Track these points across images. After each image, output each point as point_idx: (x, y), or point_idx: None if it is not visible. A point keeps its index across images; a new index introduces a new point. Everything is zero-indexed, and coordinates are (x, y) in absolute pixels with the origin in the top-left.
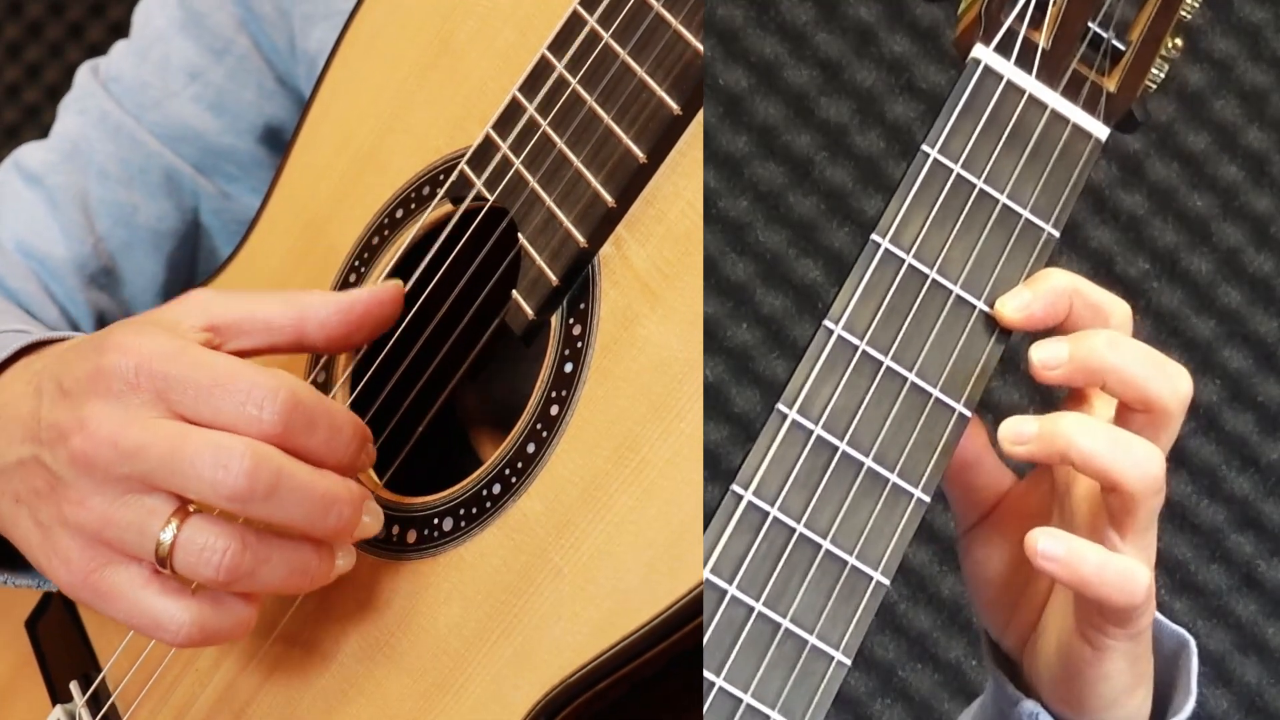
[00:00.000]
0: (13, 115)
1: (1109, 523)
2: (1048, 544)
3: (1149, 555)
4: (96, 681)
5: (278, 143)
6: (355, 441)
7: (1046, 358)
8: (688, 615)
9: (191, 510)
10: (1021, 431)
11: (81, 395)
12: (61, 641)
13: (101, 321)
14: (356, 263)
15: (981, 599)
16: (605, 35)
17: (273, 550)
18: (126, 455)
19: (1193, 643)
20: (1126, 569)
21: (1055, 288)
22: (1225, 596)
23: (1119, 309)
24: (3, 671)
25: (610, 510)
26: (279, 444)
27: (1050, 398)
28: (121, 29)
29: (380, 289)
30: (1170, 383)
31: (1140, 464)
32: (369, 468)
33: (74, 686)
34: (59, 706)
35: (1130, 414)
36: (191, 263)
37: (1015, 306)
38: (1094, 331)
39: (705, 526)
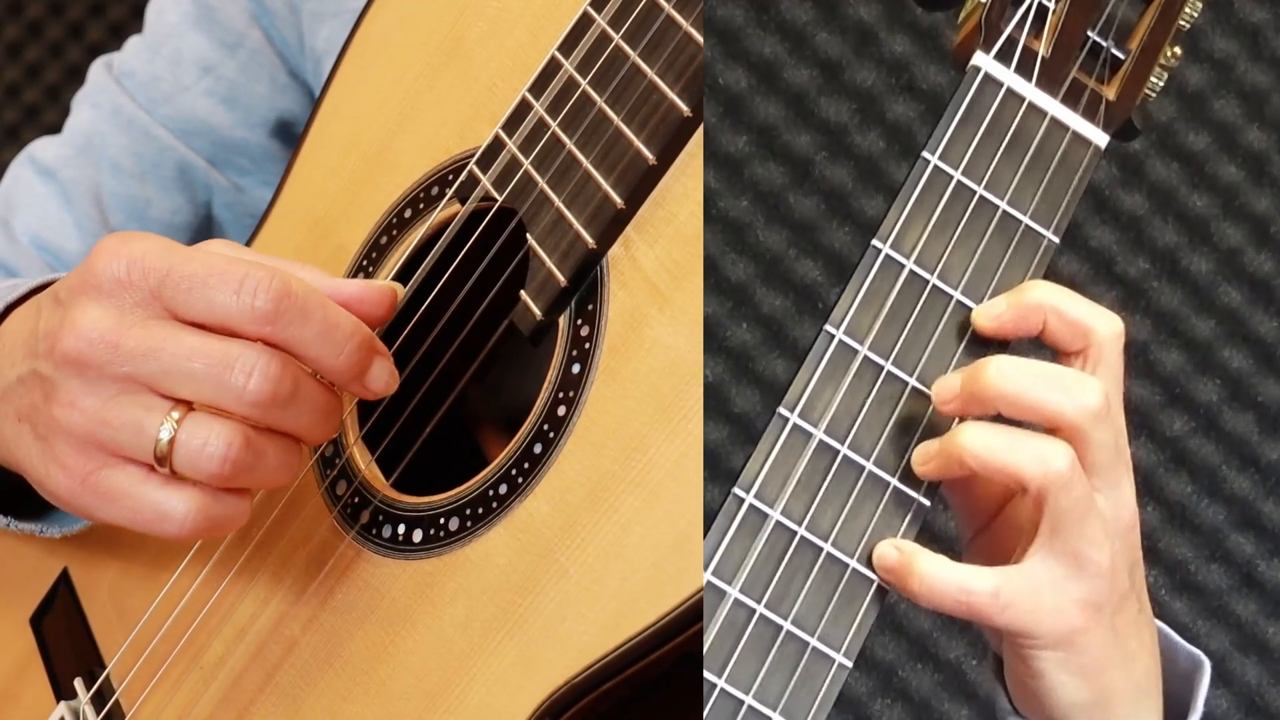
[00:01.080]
0: (13, 115)
1: (1030, 532)
2: (884, 552)
3: (1078, 563)
4: (101, 678)
5: (290, 136)
6: (354, 339)
7: (942, 390)
8: (694, 616)
9: (190, 407)
10: (926, 450)
11: (72, 300)
12: (66, 638)
13: None
14: (364, 262)
15: None
16: (616, 36)
17: (269, 444)
18: (129, 356)
19: (1208, 664)
20: (958, 580)
21: (1029, 302)
22: (1225, 596)
23: (1104, 324)
24: (7, 668)
25: (617, 511)
26: (273, 331)
27: None
28: (122, 29)
29: (372, 285)
30: (1070, 398)
31: (1040, 458)
32: (389, 387)
33: (78, 683)
34: (63, 703)
35: (1050, 435)
36: None
37: (988, 316)
38: (985, 361)
39: (705, 527)
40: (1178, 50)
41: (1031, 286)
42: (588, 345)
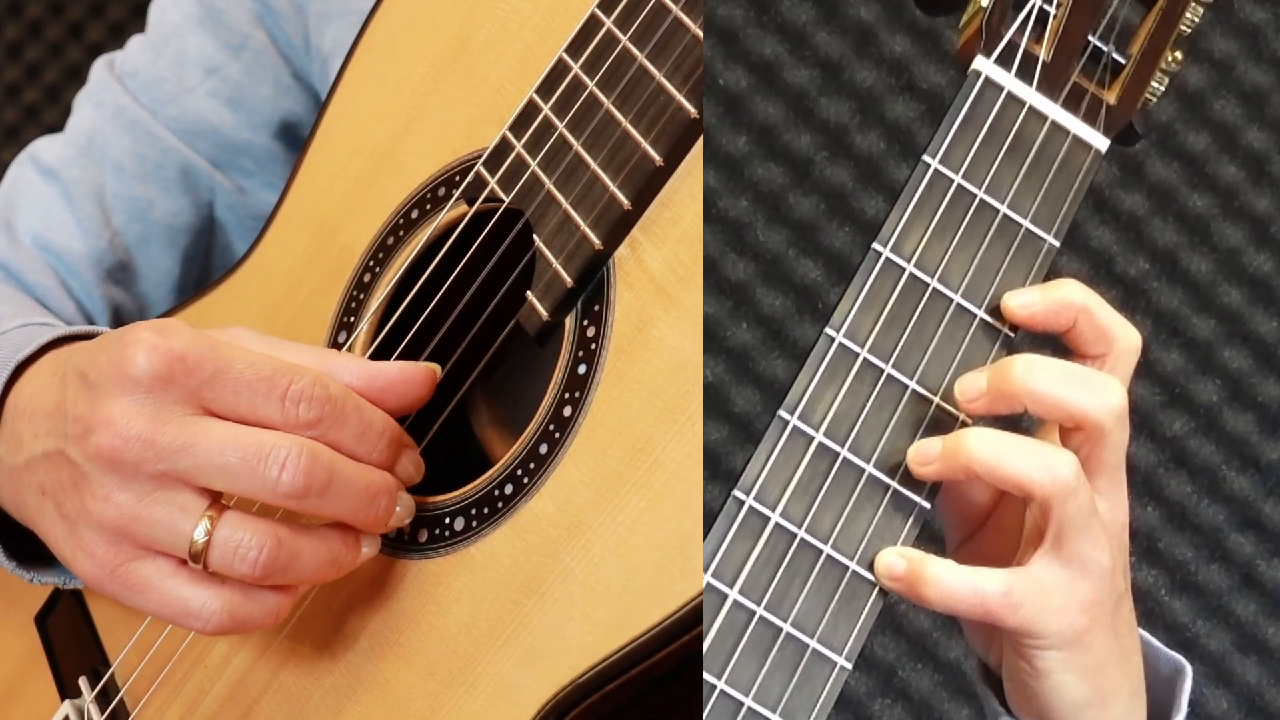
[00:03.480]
0: (13, 115)
1: (1034, 536)
2: (890, 561)
3: (1082, 566)
4: (105, 677)
5: (293, 138)
6: (385, 437)
7: (967, 388)
8: (698, 617)
9: (224, 506)
10: (926, 452)
11: (106, 389)
12: (71, 637)
13: (117, 316)
14: (371, 263)
15: (966, 621)
16: (623, 38)
17: (304, 544)
18: (164, 452)
19: (1189, 669)
20: (970, 582)
21: (1063, 298)
22: (1225, 596)
23: (1125, 335)
24: (12, 666)
25: (622, 512)
26: (312, 436)
27: None
28: (122, 29)
29: (411, 367)
30: (1095, 397)
31: (1047, 467)
32: (413, 478)
33: (83, 682)
34: (67, 702)
35: (1068, 433)
36: (206, 258)
37: (1019, 303)
38: (1011, 359)
39: (705, 527)
40: (1179, 55)
41: (1065, 283)
42: (594, 346)
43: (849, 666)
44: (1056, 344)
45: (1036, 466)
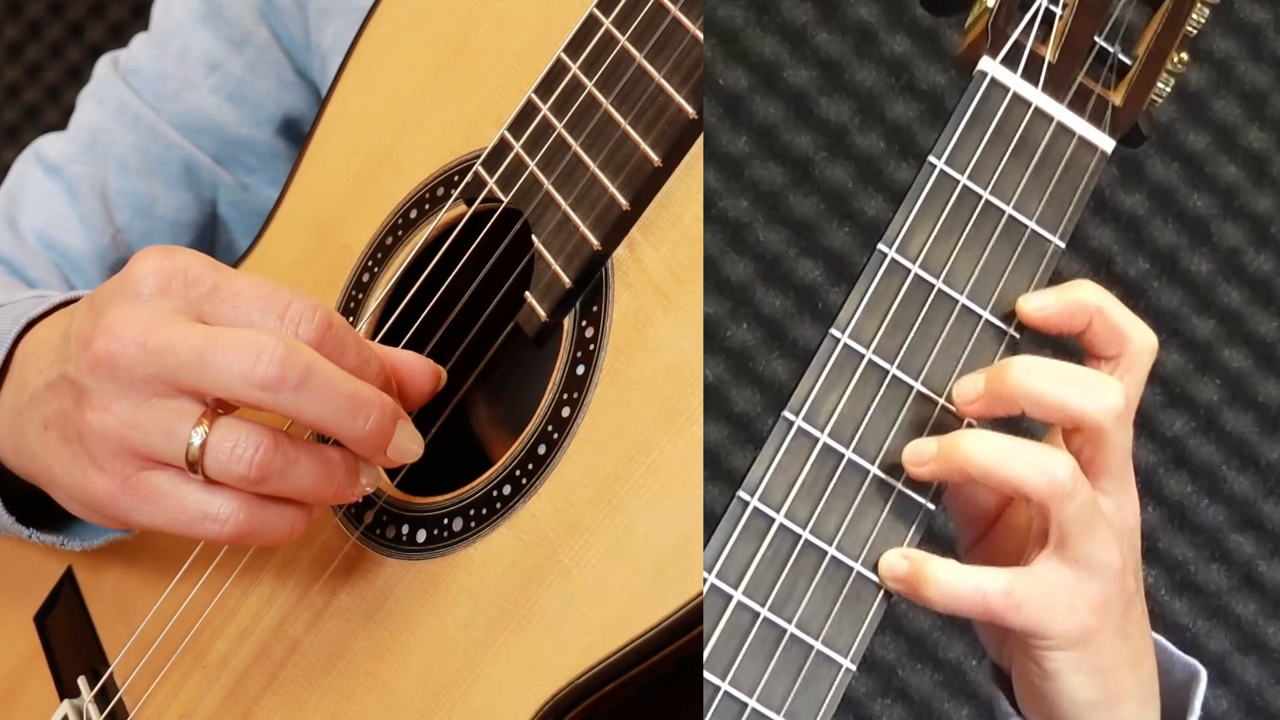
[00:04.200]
0: (13, 115)
1: (1039, 538)
2: (893, 562)
3: (1089, 567)
4: (104, 677)
5: (296, 134)
6: (381, 378)
7: (964, 390)
8: (697, 618)
9: (220, 413)
10: (921, 452)
11: (109, 304)
12: (70, 636)
13: None
14: (370, 263)
15: (977, 621)
16: (622, 39)
17: (301, 452)
18: (154, 353)
19: (1203, 673)
20: (972, 582)
21: (1079, 299)
22: (1225, 596)
23: (1140, 336)
24: (11, 666)
25: (621, 512)
26: None
27: None
28: (122, 29)
29: (422, 359)
30: (1093, 398)
31: (1042, 469)
32: (409, 455)
33: (81, 681)
34: (66, 701)
35: (1069, 435)
36: (209, 254)
37: (1035, 306)
38: (1009, 361)
39: (705, 527)
40: (1184, 56)
41: (1080, 284)
42: (592, 347)
43: (853, 668)
44: (1057, 345)
45: (1032, 469)
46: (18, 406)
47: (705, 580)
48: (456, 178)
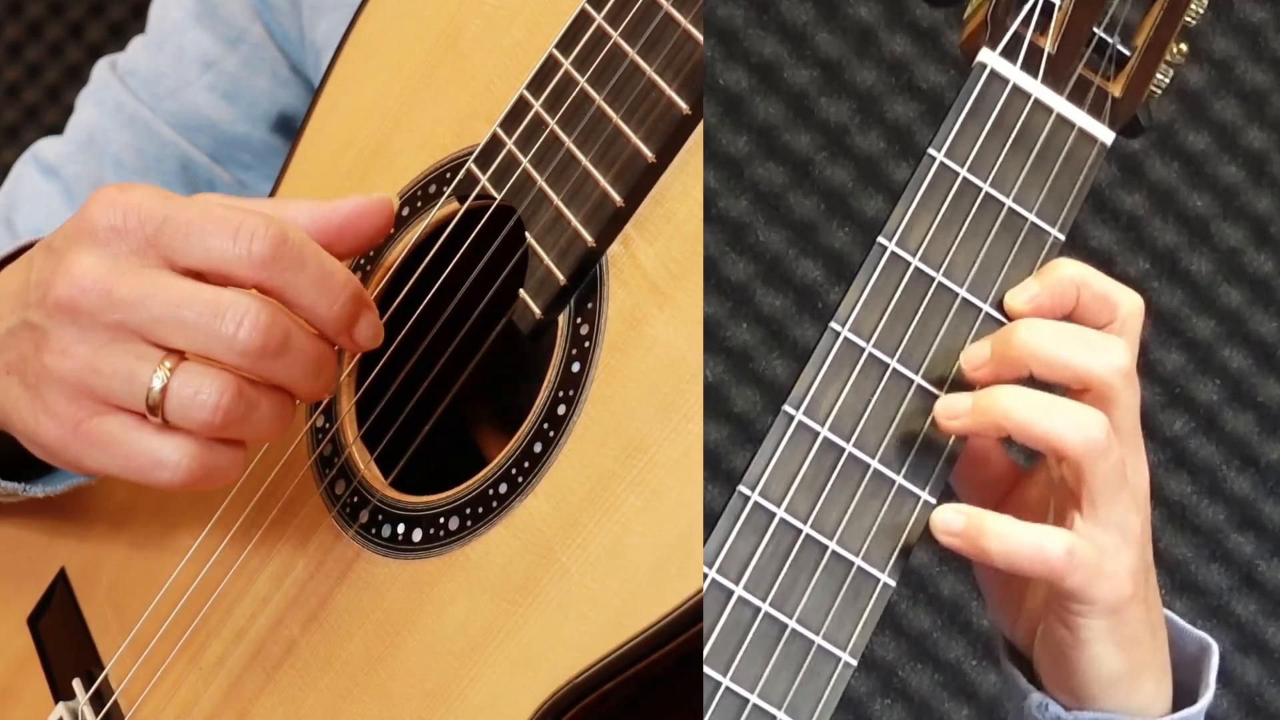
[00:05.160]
0: (13, 115)
1: (1069, 501)
2: (947, 517)
3: (1122, 531)
4: (99, 678)
5: (291, 131)
6: (347, 289)
7: (972, 357)
8: (696, 616)
9: (181, 356)
10: (955, 406)
11: (67, 248)
12: (64, 638)
13: None
14: (362, 259)
15: (991, 597)
16: (614, 34)
17: (261, 396)
18: (120, 303)
19: (1214, 646)
20: (1034, 538)
21: (1062, 278)
22: (1225, 596)
23: (1127, 299)
24: (5, 668)
25: (618, 510)
26: (268, 277)
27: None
28: (122, 29)
29: (365, 199)
30: (1100, 356)
31: (1079, 426)
32: (374, 340)
33: (76, 683)
34: (61, 704)
35: (1078, 396)
36: None
37: (1024, 299)
38: (1014, 324)
39: (705, 527)
40: (1184, 47)
41: (1058, 264)
42: (587, 344)
43: (854, 663)
44: None
45: (1068, 424)
46: None
47: (706, 575)
48: (449, 175)
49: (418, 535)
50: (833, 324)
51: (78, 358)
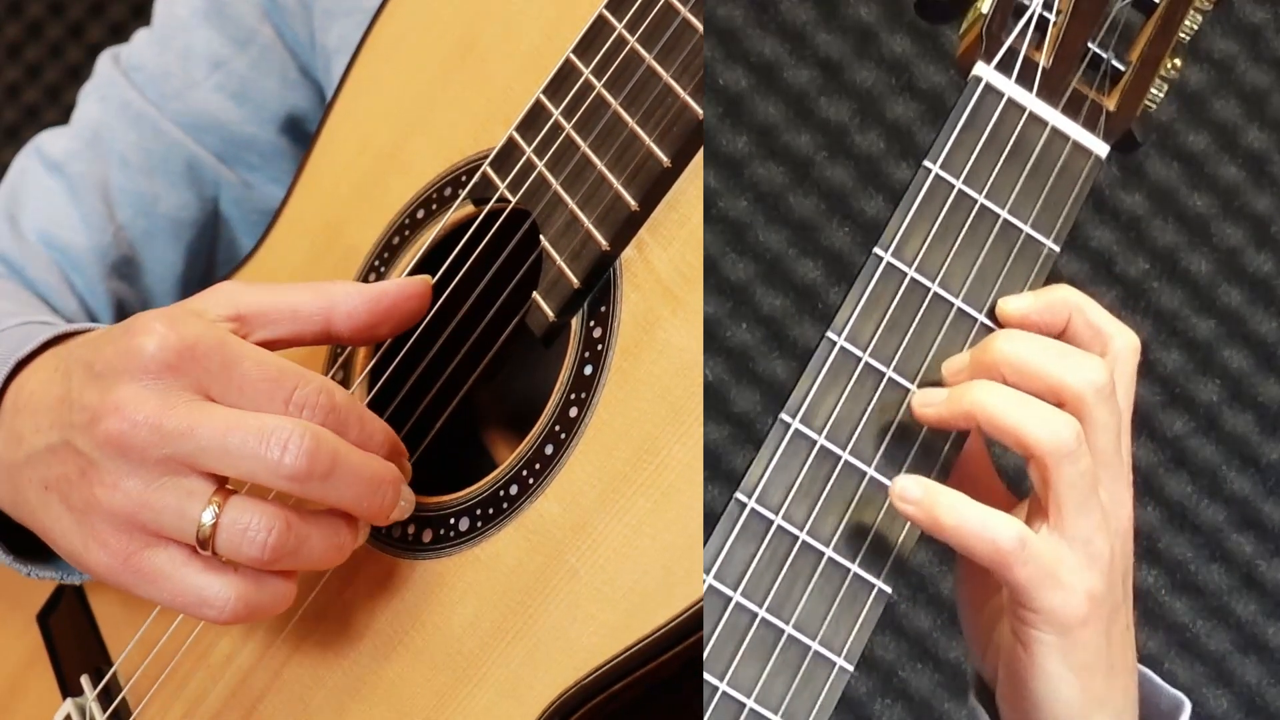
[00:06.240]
0: (13, 115)
1: (1038, 512)
2: (905, 485)
3: (1087, 550)
4: (108, 676)
5: (299, 133)
6: (385, 448)
7: (951, 365)
8: (703, 620)
9: (231, 491)
10: (931, 395)
11: (113, 377)
12: (73, 635)
13: (121, 311)
14: (376, 263)
15: (965, 622)
16: (631, 39)
17: (312, 529)
18: (170, 436)
19: (1188, 706)
20: (986, 517)
21: (1058, 298)
22: (1225, 596)
23: (1121, 336)
24: (14, 665)
25: (628, 513)
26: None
27: None
28: (122, 29)
29: (408, 282)
30: (1074, 369)
31: (1047, 423)
32: (405, 514)
33: (85, 680)
34: (69, 700)
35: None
36: (211, 253)
37: (1015, 307)
38: (993, 334)
39: (705, 528)
40: (1178, 62)
41: (1056, 288)
42: (600, 347)
43: (850, 668)
44: None
45: (1037, 422)
46: (14, 461)
47: (703, 581)
48: (464, 178)
49: (428, 535)
50: (829, 333)
51: (129, 492)
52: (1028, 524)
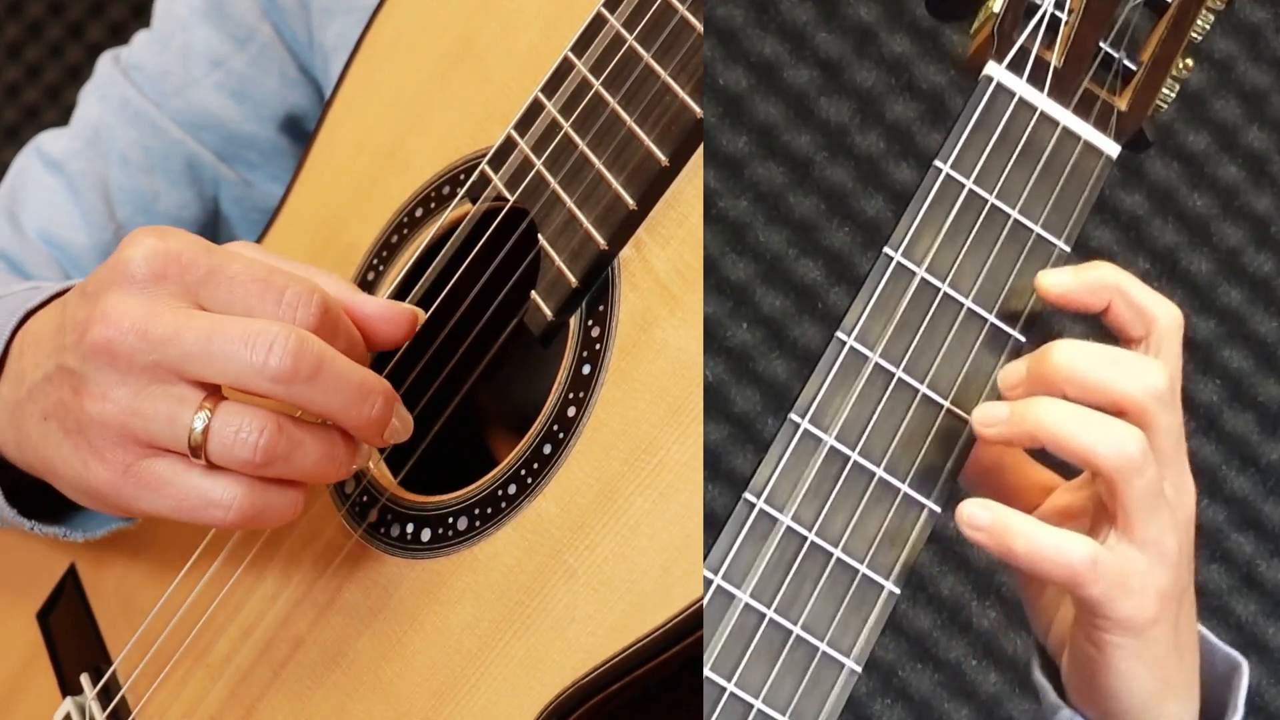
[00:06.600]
0: (13, 115)
1: (1105, 517)
2: (973, 511)
3: (1158, 551)
4: (107, 674)
5: (298, 131)
6: (368, 356)
7: (1008, 376)
8: (702, 620)
9: (222, 397)
10: (993, 414)
11: (103, 291)
12: (73, 634)
13: None
14: (375, 261)
15: (1029, 603)
16: (629, 38)
17: (305, 434)
18: (156, 342)
19: (1245, 665)
20: (1057, 541)
21: (1098, 279)
22: (1225, 596)
23: (1165, 313)
24: (14, 663)
25: (626, 513)
26: (315, 329)
27: None
28: (122, 29)
29: (397, 306)
30: (1134, 379)
31: (1115, 441)
32: (400, 436)
33: (84, 679)
34: (69, 699)
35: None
36: None
37: (1053, 282)
38: (1050, 345)
39: (705, 528)
40: (1189, 62)
41: (1098, 265)
42: (598, 346)
43: (858, 669)
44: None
45: (1104, 439)
46: (17, 400)
47: (711, 582)
48: (462, 176)
49: (426, 535)
50: (839, 333)
51: (118, 401)
52: (1094, 528)
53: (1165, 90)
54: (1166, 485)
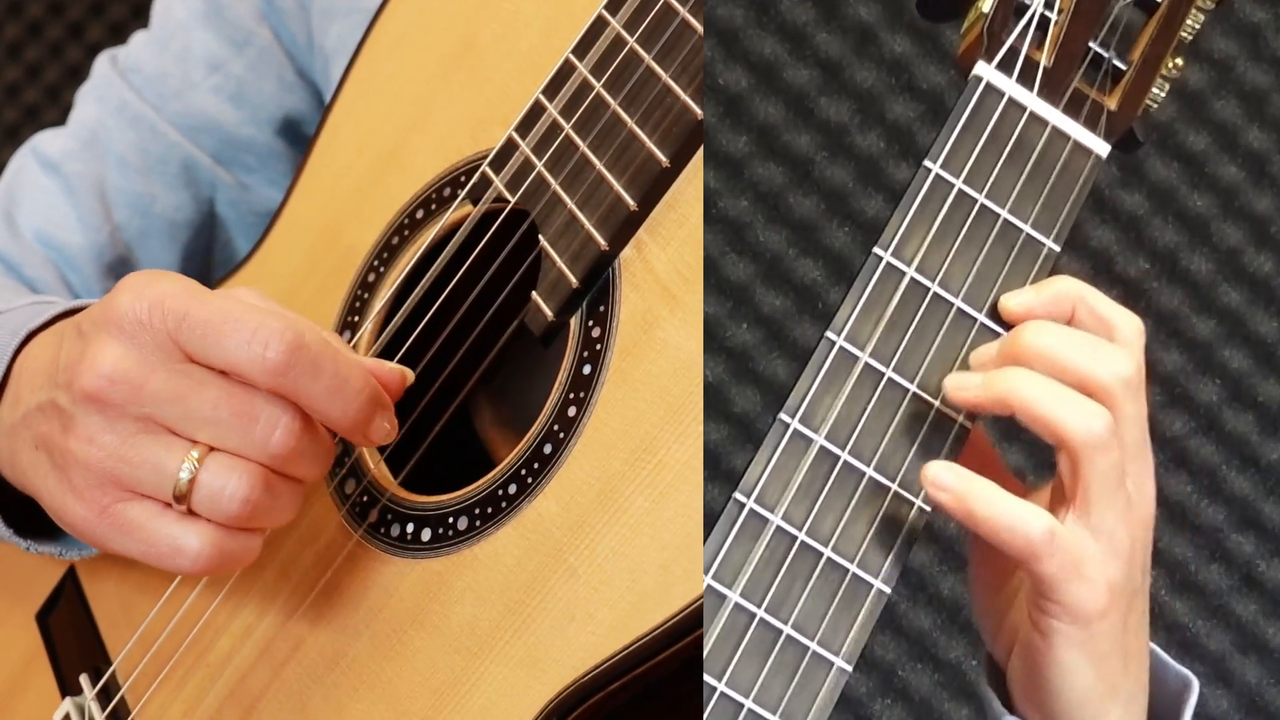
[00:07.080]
0: (13, 115)
1: (1063, 502)
2: (939, 472)
3: (1111, 542)
4: (107, 675)
5: (296, 135)
6: (362, 395)
7: (979, 355)
8: (701, 619)
9: (209, 448)
10: (965, 380)
11: (94, 334)
12: (72, 634)
13: None
14: (375, 262)
15: (978, 606)
16: (630, 39)
17: (285, 487)
18: (152, 399)
19: (1195, 684)
20: (1019, 509)
21: (1060, 291)
22: (1225, 596)
23: (1126, 322)
24: (13, 664)
25: (626, 512)
26: (283, 383)
27: None
28: (122, 29)
29: (385, 366)
30: (1102, 362)
31: (1083, 414)
32: (388, 437)
33: (84, 679)
34: (68, 699)
35: None
36: (207, 254)
37: (1018, 303)
38: (1021, 325)
39: (705, 528)
40: (1179, 61)
41: (1057, 279)
42: (599, 346)
43: (848, 668)
44: None
45: (1073, 412)
46: (13, 424)
47: (702, 581)
48: (463, 178)
49: (427, 535)
50: (828, 333)
51: (105, 446)
52: (1054, 511)
53: (1155, 90)
54: (1128, 480)
